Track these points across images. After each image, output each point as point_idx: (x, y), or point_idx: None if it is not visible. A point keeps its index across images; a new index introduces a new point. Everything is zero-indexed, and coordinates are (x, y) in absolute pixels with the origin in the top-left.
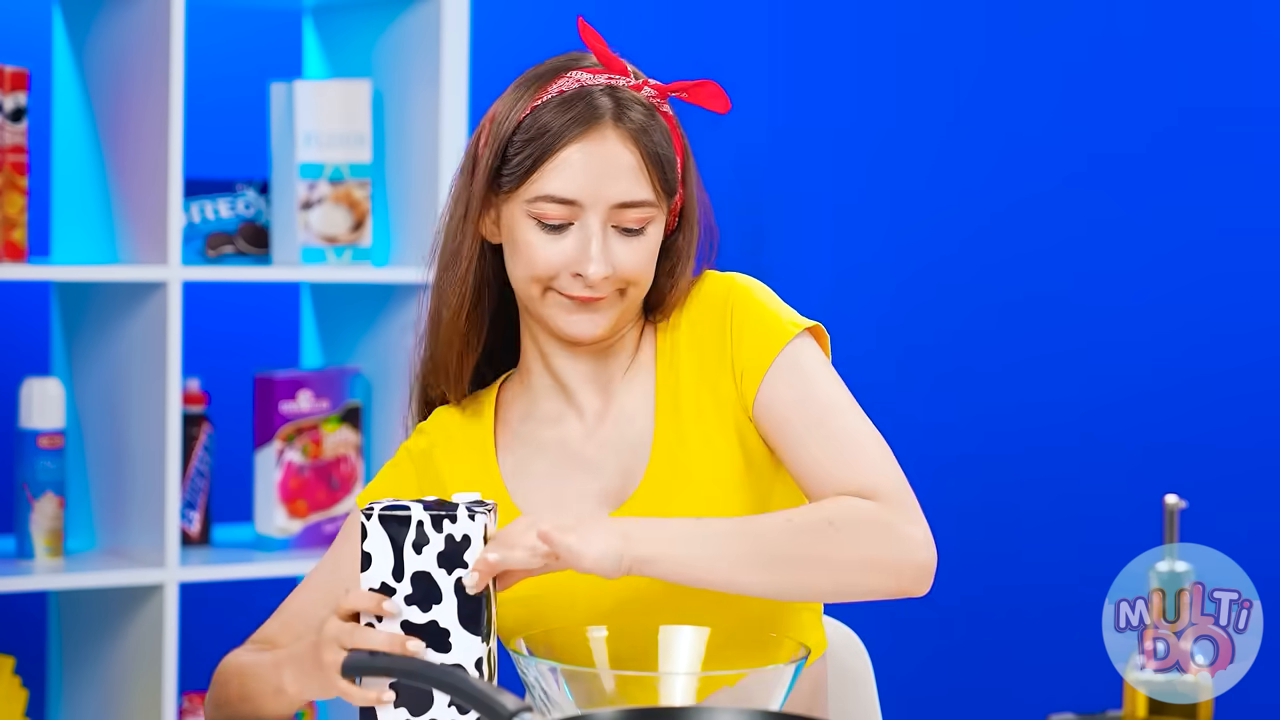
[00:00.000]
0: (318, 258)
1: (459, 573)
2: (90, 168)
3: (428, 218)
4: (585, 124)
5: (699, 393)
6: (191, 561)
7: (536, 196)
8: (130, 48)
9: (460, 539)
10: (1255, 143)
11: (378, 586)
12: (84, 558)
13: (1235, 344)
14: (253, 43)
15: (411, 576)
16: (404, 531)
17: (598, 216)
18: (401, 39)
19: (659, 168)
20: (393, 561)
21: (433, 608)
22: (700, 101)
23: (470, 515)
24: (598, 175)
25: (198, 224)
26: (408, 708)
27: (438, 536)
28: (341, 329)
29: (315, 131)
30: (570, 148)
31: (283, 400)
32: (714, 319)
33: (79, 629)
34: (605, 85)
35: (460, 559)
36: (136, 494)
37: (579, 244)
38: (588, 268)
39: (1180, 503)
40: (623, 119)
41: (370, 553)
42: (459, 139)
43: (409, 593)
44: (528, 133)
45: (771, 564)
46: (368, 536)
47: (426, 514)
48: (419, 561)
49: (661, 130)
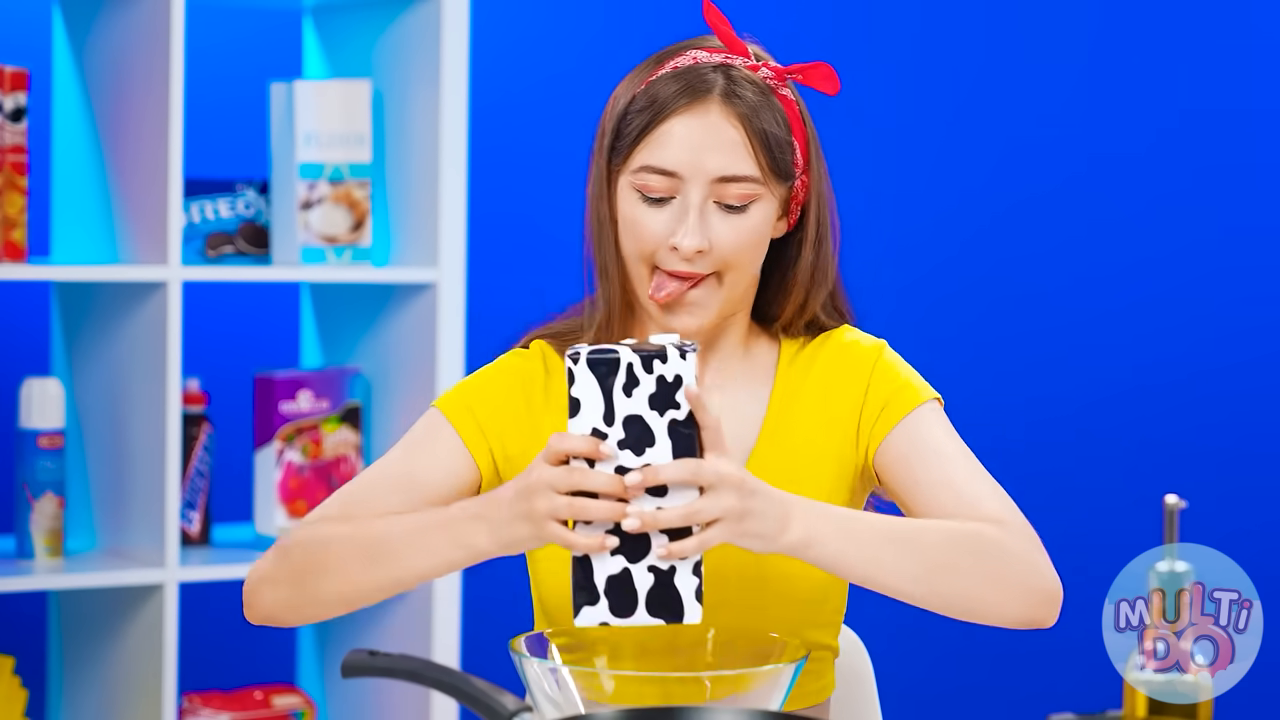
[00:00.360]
0: (317, 258)
1: (671, 414)
2: (90, 168)
3: (428, 217)
4: (691, 96)
5: (814, 423)
6: (191, 561)
7: (639, 167)
8: (130, 48)
9: (672, 379)
10: (1254, 143)
11: (589, 432)
12: (84, 558)
13: (1235, 342)
14: (253, 43)
15: (623, 420)
16: (613, 374)
17: (699, 189)
18: (401, 39)
19: (766, 146)
20: (603, 406)
21: (646, 451)
22: (812, 83)
23: (681, 354)
24: (699, 147)
25: (198, 224)
26: (625, 554)
27: (648, 378)
28: (341, 329)
29: (315, 131)
30: (674, 119)
31: (282, 400)
32: (854, 367)
33: (79, 629)
34: (720, 63)
35: (672, 400)
36: (136, 494)
37: (677, 215)
38: (683, 239)
39: (1180, 503)
40: (731, 95)
41: (579, 398)
42: (459, 138)
43: (621, 437)
44: (638, 105)
45: (925, 573)
46: (575, 381)
47: (636, 355)
48: (630, 405)
49: (775, 111)
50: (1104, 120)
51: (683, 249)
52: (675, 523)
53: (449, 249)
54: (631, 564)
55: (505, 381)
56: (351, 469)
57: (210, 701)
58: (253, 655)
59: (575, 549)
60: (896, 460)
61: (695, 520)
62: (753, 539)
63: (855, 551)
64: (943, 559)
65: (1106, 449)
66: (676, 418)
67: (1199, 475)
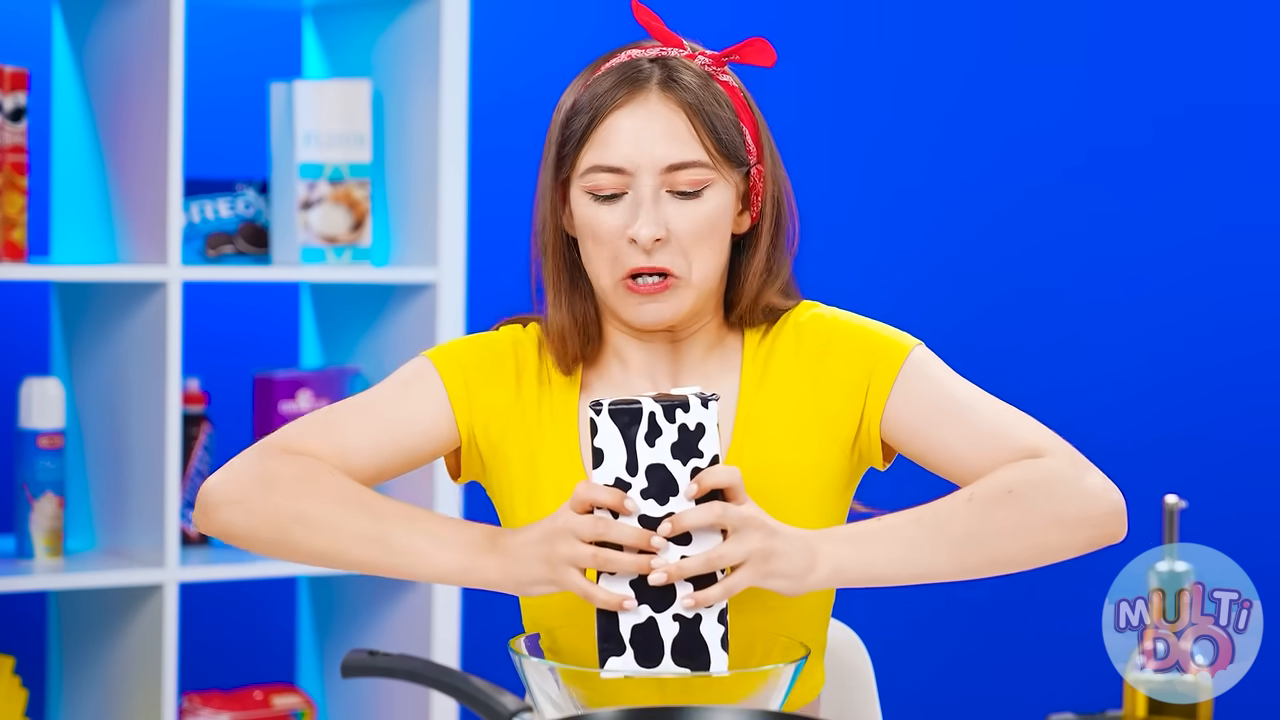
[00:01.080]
0: (317, 258)
1: (694, 462)
2: (90, 167)
3: (428, 218)
4: (629, 89)
5: (787, 408)
6: (191, 561)
7: (586, 169)
8: (130, 47)
9: (695, 428)
10: (1255, 139)
11: (612, 482)
12: (84, 558)
13: (1233, 341)
14: (252, 43)
15: (646, 470)
16: (636, 424)
17: (649, 181)
18: (401, 39)
19: (711, 129)
20: (626, 456)
21: (670, 500)
22: (750, 60)
23: (703, 403)
24: (643, 138)
25: (197, 224)
26: (650, 604)
27: (670, 427)
28: (341, 329)
29: (315, 131)
30: (614, 114)
31: (282, 400)
32: (824, 341)
33: (79, 629)
34: (655, 56)
35: (695, 449)
36: (136, 494)
37: (631, 209)
38: (639, 229)
39: (1180, 503)
40: (669, 82)
41: (602, 449)
42: (459, 138)
43: (644, 486)
44: (577, 109)
45: (963, 546)
46: (598, 432)
47: (658, 405)
48: (653, 454)
49: (718, 96)
50: (1105, 114)
51: (640, 239)
52: (700, 570)
53: (449, 249)
54: (657, 613)
55: (502, 352)
56: None
57: (210, 701)
58: (252, 655)
59: (595, 603)
60: (907, 422)
61: (720, 565)
62: (779, 579)
63: (886, 563)
64: (984, 527)
65: (1106, 447)
66: (699, 465)
67: (1199, 474)
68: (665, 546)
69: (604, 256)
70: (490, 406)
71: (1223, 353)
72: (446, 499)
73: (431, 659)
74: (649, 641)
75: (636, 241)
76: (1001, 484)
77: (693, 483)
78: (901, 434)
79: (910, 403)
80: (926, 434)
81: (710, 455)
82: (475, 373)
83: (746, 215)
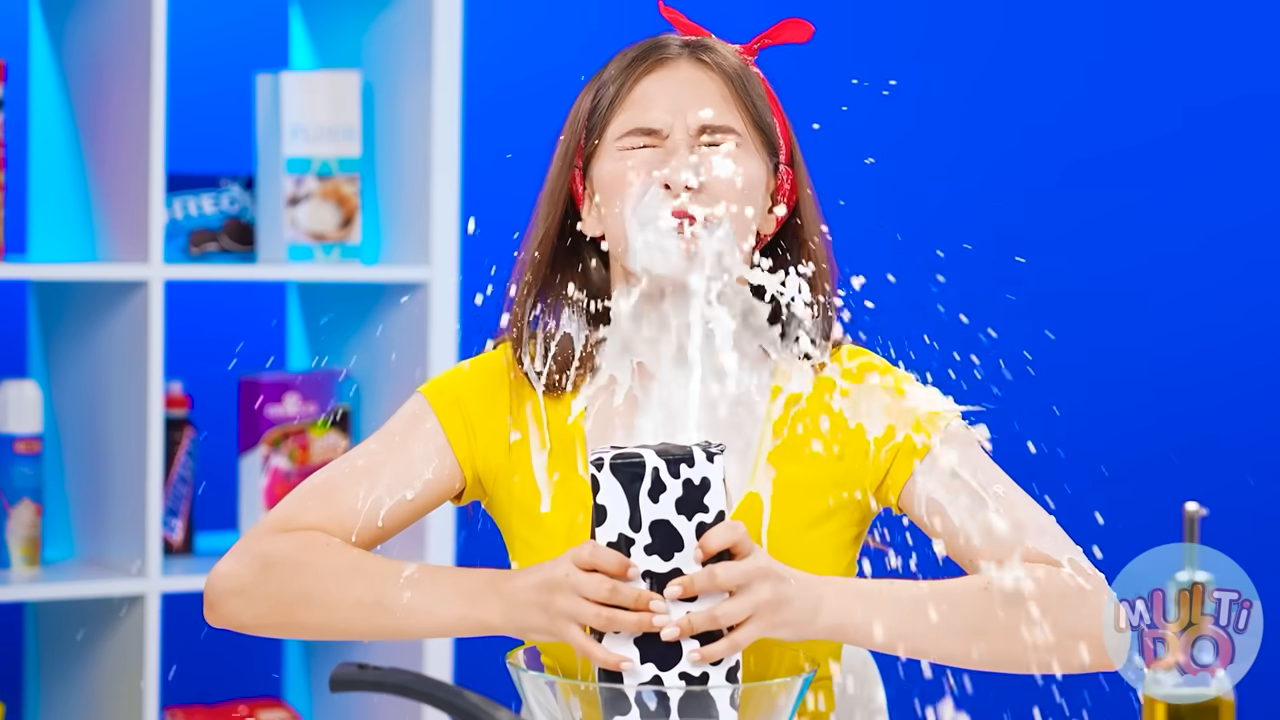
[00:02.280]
0: (305, 256)
1: (699, 518)
2: (69, 162)
3: (419, 214)
4: (659, 55)
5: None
6: (174, 571)
7: (619, 133)
8: (110, 38)
9: (700, 482)
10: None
11: (615, 539)
12: (62, 567)
13: (1234, 342)
14: (237, 32)
15: (650, 526)
16: (639, 480)
17: (683, 138)
18: (392, 28)
19: (749, 100)
20: (629, 512)
21: (674, 555)
22: (785, 38)
23: (709, 457)
24: (678, 99)
25: (180, 221)
26: (655, 662)
27: (674, 482)
28: (329, 330)
29: (302, 125)
30: (646, 80)
31: (269, 404)
32: (867, 391)
33: (57, 641)
34: (685, 41)
35: (700, 504)
36: (117, 501)
37: (665, 154)
38: (674, 174)
39: (1201, 510)
40: (700, 53)
41: (605, 505)
42: (452, 131)
43: (648, 542)
44: (605, 79)
45: (976, 637)
46: (600, 489)
47: (662, 460)
48: (656, 510)
49: (755, 78)
50: (1121, 112)
51: (674, 184)
52: (706, 627)
53: (441, 247)
54: (662, 671)
55: (500, 376)
56: None
57: (193, 716)
58: (237, 669)
59: (595, 662)
60: (924, 498)
61: (727, 623)
62: (786, 628)
63: (895, 627)
64: (994, 620)
65: (1113, 451)
66: (704, 520)
67: (1198, 474)
68: (667, 606)
69: (632, 200)
70: (491, 439)
71: (1222, 352)
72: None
73: (424, 672)
74: (655, 702)
75: (670, 186)
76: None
77: (697, 547)
78: (918, 508)
79: (932, 480)
80: (943, 516)
81: (716, 510)
82: (474, 407)
83: (773, 217)
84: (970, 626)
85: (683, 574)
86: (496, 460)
